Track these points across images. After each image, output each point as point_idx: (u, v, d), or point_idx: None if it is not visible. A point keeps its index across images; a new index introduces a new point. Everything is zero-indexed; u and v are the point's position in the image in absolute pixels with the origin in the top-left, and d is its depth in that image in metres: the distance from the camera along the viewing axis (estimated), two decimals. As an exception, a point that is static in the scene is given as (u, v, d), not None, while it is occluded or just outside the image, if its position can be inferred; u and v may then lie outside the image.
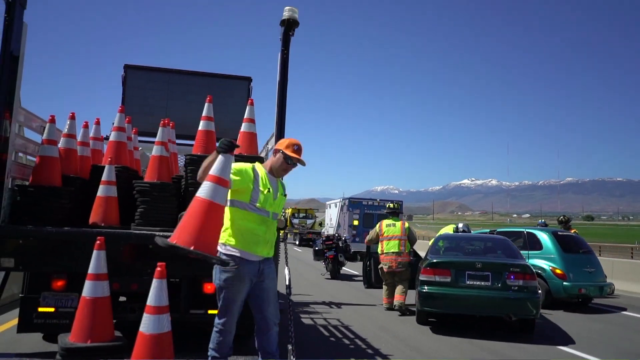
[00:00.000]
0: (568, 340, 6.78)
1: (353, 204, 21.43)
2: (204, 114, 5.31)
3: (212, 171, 3.04)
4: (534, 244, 10.21)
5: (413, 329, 7.25)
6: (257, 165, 3.64)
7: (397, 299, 8.43)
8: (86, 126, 5.60)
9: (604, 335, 7.33)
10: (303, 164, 3.74)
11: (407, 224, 8.98)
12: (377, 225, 9.15)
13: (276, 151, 3.70)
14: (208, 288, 4.46)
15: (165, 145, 5.20)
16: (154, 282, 2.97)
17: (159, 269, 3.00)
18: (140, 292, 4.26)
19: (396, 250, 8.63)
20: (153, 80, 8.25)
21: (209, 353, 3.44)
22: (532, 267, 7.20)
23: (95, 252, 3.44)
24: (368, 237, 9.39)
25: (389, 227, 8.92)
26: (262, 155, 5.73)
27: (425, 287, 7.09)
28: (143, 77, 8.21)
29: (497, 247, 8.22)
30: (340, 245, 14.18)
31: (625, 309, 10.00)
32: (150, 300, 2.95)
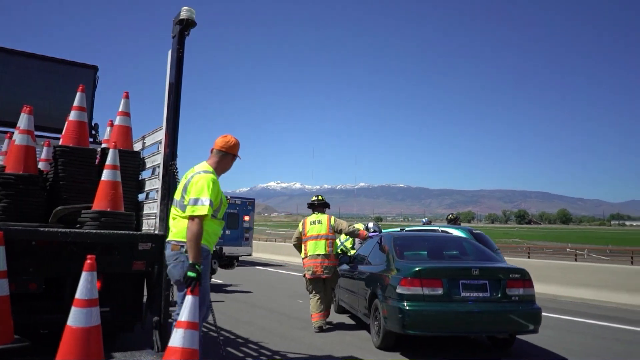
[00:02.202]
0: (555, 356, 5.85)
1: None
2: (75, 103, 5.05)
3: (186, 316, 2.92)
4: None
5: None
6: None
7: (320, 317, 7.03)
8: None
9: (583, 347, 6.41)
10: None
11: (332, 219, 7.44)
12: (300, 224, 7.63)
13: (226, 154, 3.83)
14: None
15: (31, 134, 4.79)
16: (83, 275, 2.89)
17: (88, 261, 2.93)
18: (19, 294, 3.93)
19: (322, 252, 7.19)
20: None
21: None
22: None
23: (-6, 247, 3.13)
24: (292, 241, 7.86)
25: (313, 225, 7.38)
26: (138, 149, 5.56)
27: (408, 304, 5.39)
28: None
29: (465, 248, 6.92)
30: (215, 249, 11.72)
31: None
32: (79, 294, 2.86)
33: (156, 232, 4.47)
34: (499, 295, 5.54)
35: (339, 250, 7.84)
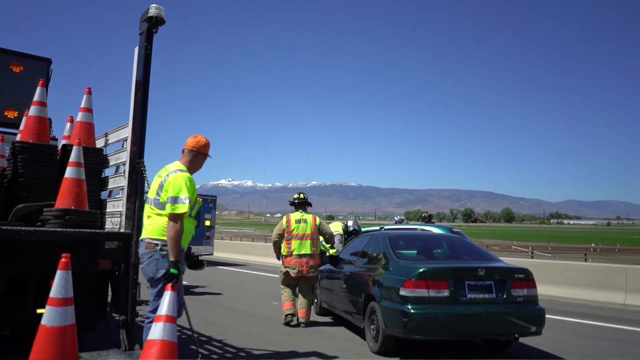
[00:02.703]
0: (551, 356, 5.80)
1: None
2: (35, 98, 4.93)
3: (165, 310, 2.96)
4: None
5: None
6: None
7: (303, 314, 7.13)
8: None
9: (572, 346, 6.33)
10: None
11: (318, 220, 7.48)
12: (284, 220, 7.47)
13: (197, 153, 3.93)
14: None
15: (-12, 129, 4.61)
16: (58, 273, 2.86)
17: (63, 260, 2.89)
18: None
19: (308, 252, 7.22)
20: None
21: None
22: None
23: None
24: (273, 237, 7.62)
25: (298, 224, 7.33)
26: (101, 145, 5.45)
27: (412, 307, 5.10)
28: None
29: (461, 247, 6.69)
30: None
31: None
32: (54, 292, 2.82)
33: (122, 230, 4.42)
34: (505, 296, 5.36)
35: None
